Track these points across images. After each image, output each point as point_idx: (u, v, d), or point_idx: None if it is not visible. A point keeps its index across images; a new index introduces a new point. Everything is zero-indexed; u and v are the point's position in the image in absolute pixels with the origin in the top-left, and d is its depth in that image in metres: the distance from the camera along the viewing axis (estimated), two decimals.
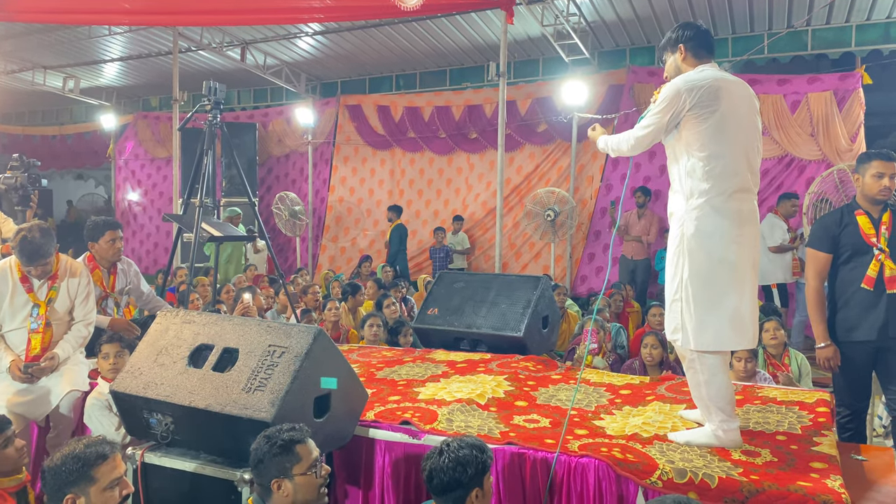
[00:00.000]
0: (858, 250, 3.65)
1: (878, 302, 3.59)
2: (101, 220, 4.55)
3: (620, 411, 3.35)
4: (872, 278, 3.59)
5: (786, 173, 8.99)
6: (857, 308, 3.65)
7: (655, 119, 2.86)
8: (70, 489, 2.21)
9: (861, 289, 3.62)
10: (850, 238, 3.66)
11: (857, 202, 3.74)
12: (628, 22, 9.43)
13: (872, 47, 8.91)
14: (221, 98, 5.19)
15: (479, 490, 2.47)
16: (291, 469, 2.38)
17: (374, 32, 10.13)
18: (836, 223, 3.74)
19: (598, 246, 10.24)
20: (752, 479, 2.52)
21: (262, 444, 2.41)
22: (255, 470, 2.43)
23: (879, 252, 3.59)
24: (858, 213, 3.69)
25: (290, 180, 13.11)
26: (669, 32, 3.00)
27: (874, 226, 3.64)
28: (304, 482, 2.40)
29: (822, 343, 3.71)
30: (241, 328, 2.98)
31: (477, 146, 11.24)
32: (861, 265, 3.64)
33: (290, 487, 2.38)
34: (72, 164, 16.06)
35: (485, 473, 2.49)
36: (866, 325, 3.62)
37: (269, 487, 2.39)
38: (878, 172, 3.61)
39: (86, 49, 11.36)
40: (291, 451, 2.39)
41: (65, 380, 3.73)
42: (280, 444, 2.38)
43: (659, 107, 2.84)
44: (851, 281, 3.66)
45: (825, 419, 3.19)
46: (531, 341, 4.46)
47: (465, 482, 2.43)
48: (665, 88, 2.86)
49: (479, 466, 2.46)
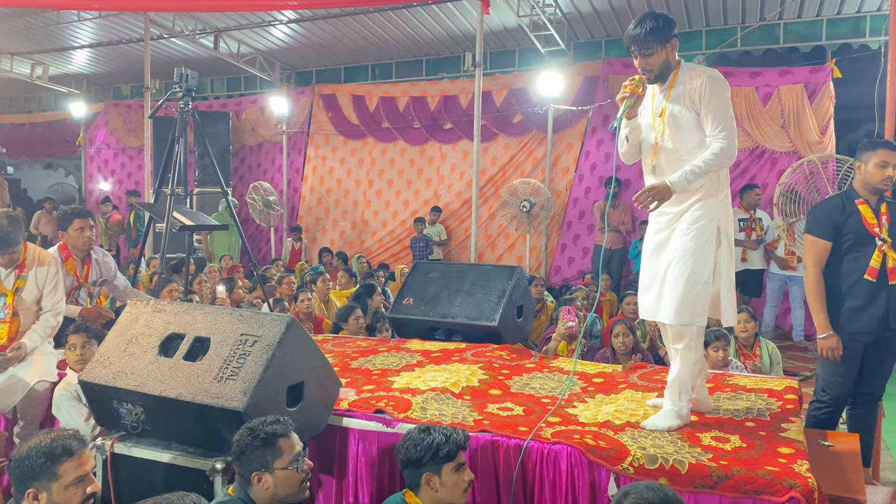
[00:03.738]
0: (861, 240, 3.57)
1: (879, 293, 3.56)
2: (70, 208, 4.49)
3: (593, 399, 3.38)
4: (875, 269, 3.53)
5: (758, 165, 9.09)
6: (859, 299, 3.58)
7: (729, 112, 2.90)
8: (33, 483, 2.17)
9: (864, 279, 3.55)
10: (854, 227, 3.58)
11: (857, 191, 3.66)
12: (604, 13, 9.47)
13: (843, 41, 9.04)
14: (193, 85, 5.13)
15: (434, 476, 2.53)
16: (273, 463, 2.37)
17: (349, 21, 10.05)
18: (838, 210, 3.63)
19: (570, 236, 10.30)
20: (721, 464, 2.56)
21: (245, 436, 2.39)
22: (237, 461, 2.42)
23: (882, 242, 3.54)
24: (860, 202, 3.62)
25: (262, 170, 12.99)
26: (652, 22, 2.90)
27: (875, 215, 3.59)
28: (284, 476, 2.38)
29: (824, 333, 3.62)
30: (213, 317, 2.95)
31: (451, 136, 11.22)
32: (864, 255, 3.57)
33: (270, 481, 2.37)
34: (43, 153, 15.75)
35: (442, 461, 2.53)
36: (867, 317, 3.57)
37: (250, 479, 2.38)
38: (883, 161, 3.56)
39: (54, 35, 11.12)
40: (273, 444, 2.37)
41: (33, 370, 3.67)
42: (262, 436, 2.37)
43: (725, 103, 2.87)
44: (853, 271, 3.59)
45: (793, 406, 3.25)
46: (506, 331, 4.48)
47: (417, 462, 2.54)
48: (715, 81, 2.86)
49: (433, 452, 2.52)
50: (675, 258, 2.95)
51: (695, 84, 2.88)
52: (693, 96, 2.89)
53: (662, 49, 2.93)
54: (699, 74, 2.89)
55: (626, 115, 3.01)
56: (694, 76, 2.90)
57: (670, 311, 2.95)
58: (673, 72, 2.97)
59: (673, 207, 2.98)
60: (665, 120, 2.96)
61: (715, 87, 2.85)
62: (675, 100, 2.94)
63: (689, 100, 2.90)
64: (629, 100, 2.94)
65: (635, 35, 2.94)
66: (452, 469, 2.55)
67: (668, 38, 2.93)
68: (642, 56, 2.96)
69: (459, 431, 2.64)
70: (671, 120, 2.95)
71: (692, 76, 2.90)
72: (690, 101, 2.90)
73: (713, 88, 2.85)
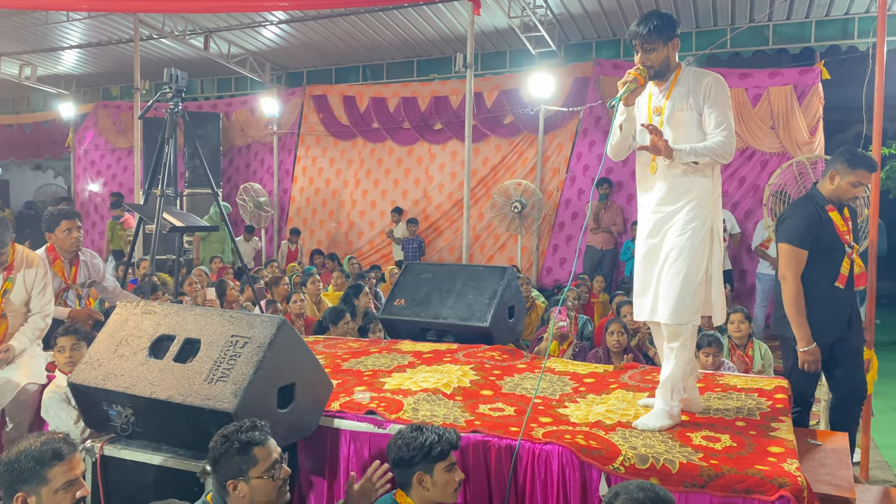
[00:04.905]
0: (833, 248, 3.56)
1: (845, 300, 3.58)
2: (57, 209, 4.46)
3: (584, 399, 3.38)
4: (845, 276, 3.54)
5: (748, 166, 9.14)
6: (829, 307, 3.56)
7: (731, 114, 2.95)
8: (22, 487, 2.15)
9: (833, 287, 3.54)
10: (828, 235, 3.57)
11: (825, 197, 3.64)
12: (594, 15, 9.49)
13: (831, 43, 9.10)
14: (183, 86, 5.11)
15: (426, 475, 2.54)
16: (248, 471, 2.30)
17: (340, 22, 10.03)
18: (815, 220, 3.58)
19: (563, 237, 10.32)
20: (711, 463, 2.56)
21: (219, 443, 2.32)
22: (213, 467, 2.36)
23: (851, 250, 3.55)
24: (830, 210, 3.60)
25: (251, 171, 12.95)
26: (657, 20, 2.95)
27: (844, 222, 3.59)
28: (260, 485, 2.31)
29: (805, 346, 3.52)
30: (203, 318, 2.93)
31: (441, 137, 11.21)
32: (833, 263, 3.55)
33: (245, 489, 2.30)
34: (31, 154, 15.63)
35: (434, 460, 2.53)
36: (833, 323, 3.57)
37: (226, 487, 2.32)
38: (858, 182, 3.54)
39: (43, 35, 11.04)
40: (248, 453, 2.30)
41: (21, 372, 3.64)
42: (237, 445, 2.30)
43: (727, 104, 2.94)
44: (822, 279, 3.56)
45: (783, 405, 3.27)
46: (497, 331, 4.48)
47: (408, 462, 2.54)
48: (720, 84, 2.93)
49: (426, 451, 2.52)
50: (670, 258, 2.98)
51: (700, 84, 2.96)
52: (698, 96, 2.95)
53: (664, 47, 2.98)
54: (704, 75, 3.00)
55: (625, 101, 3.02)
56: (699, 77, 2.99)
57: (667, 311, 2.97)
58: (673, 72, 3.02)
59: (666, 207, 3.01)
60: (664, 118, 3.00)
61: (720, 90, 2.95)
62: (676, 99, 2.99)
63: (692, 99, 2.96)
64: (631, 84, 2.96)
65: (639, 31, 2.99)
66: (444, 468, 2.56)
67: (670, 37, 2.98)
68: (644, 52, 3.00)
69: (451, 431, 2.64)
70: (671, 118, 2.99)
71: (697, 77, 2.99)
72: (694, 101, 2.96)
73: (718, 90, 2.94)
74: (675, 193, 2.98)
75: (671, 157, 2.90)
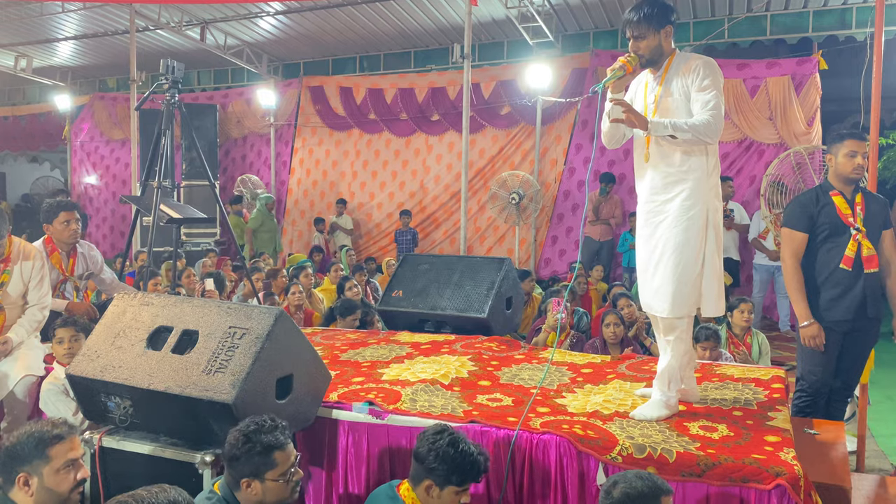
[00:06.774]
0: (836, 230, 3.63)
1: (856, 282, 3.61)
2: (55, 201, 4.45)
3: (582, 389, 3.39)
4: (850, 258, 3.59)
5: (745, 157, 9.13)
6: (835, 288, 3.64)
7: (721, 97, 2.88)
8: (23, 467, 2.17)
9: (839, 269, 3.61)
10: (828, 218, 3.65)
11: (831, 183, 3.73)
12: (592, 5, 9.46)
13: (829, 33, 9.08)
14: (179, 77, 5.09)
15: (437, 489, 2.50)
16: (265, 473, 2.34)
17: (336, 13, 9.99)
18: (812, 202, 3.71)
19: (561, 229, 10.31)
20: (708, 452, 2.57)
21: (241, 443, 2.33)
22: (228, 463, 2.38)
23: (856, 232, 3.59)
24: (833, 194, 3.67)
25: (247, 163, 12.92)
26: (647, 8, 2.93)
27: (849, 206, 3.64)
28: (274, 487, 2.36)
29: (805, 322, 3.67)
30: (201, 310, 2.93)
31: (438, 128, 11.17)
32: (838, 245, 3.63)
33: (259, 488, 2.34)
34: (26, 146, 15.58)
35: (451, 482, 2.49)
36: (844, 305, 3.63)
37: (239, 483, 2.35)
38: (851, 151, 3.61)
39: (38, 27, 10.99)
40: (269, 456, 2.34)
41: (19, 364, 3.64)
42: (259, 449, 2.32)
43: (717, 86, 2.87)
44: (829, 261, 3.65)
45: (780, 395, 3.28)
46: (495, 322, 4.49)
47: (428, 468, 2.49)
48: (710, 66, 2.88)
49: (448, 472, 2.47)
50: (666, 251, 2.95)
51: (689, 67, 2.92)
52: (686, 80, 2.91)
53: (655, 35, 2.96)
54: (695, 59, 2.95)
55: (612, 88, 3.01)
56: (688, 61, 2.95)
57: (665, 305, 2.96)
58: (667, 59, 3.00)
59: (659, 196, 2.98)
60: (658, 106, 2.98)
61: (709, 71, 2.89)
62: (668, 86, 2.97)
63: (682, 84, 2.93)
64: (618, 71, 2.95)
65: (629, 18, 2.98)
66: (455, 492, 2.52)
67: (661, 24, 2.95)
68: (634, 39, 2.99)
69: (484, 462, 2.55)
70: (664, 105, 2.97)
71: (686, 61, 2.95)
72: (684, 86, 2.92)
73: (707, 71, 2.89)
74: (669, 182, 2.95)
75: (646, 129, 2.87)
